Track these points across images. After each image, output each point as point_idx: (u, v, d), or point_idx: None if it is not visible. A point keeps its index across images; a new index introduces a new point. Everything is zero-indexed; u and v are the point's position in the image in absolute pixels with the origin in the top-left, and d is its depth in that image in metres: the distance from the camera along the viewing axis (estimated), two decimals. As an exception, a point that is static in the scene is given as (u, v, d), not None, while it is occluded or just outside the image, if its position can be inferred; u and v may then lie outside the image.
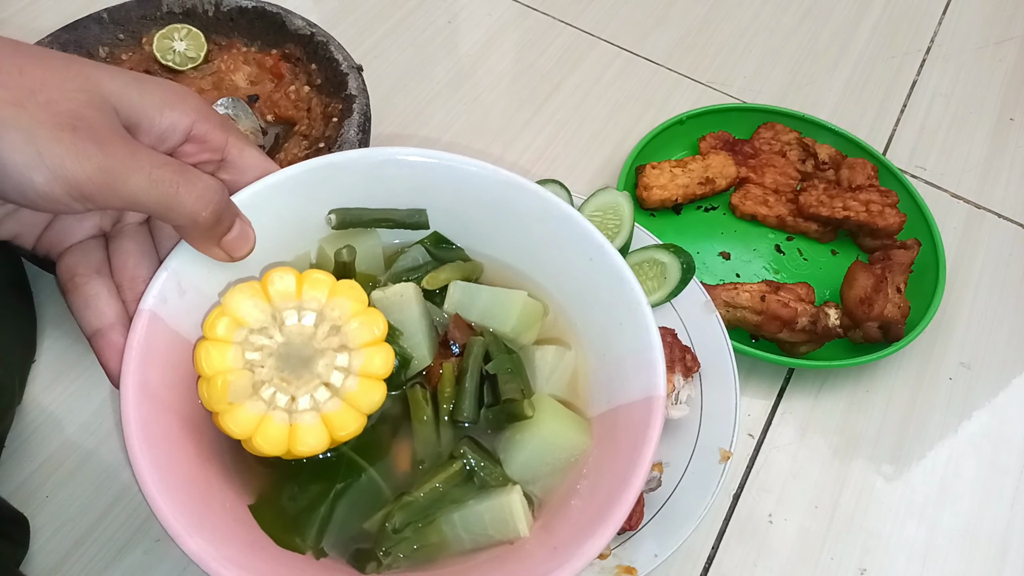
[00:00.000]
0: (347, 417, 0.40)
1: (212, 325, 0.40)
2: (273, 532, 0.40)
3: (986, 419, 0.68)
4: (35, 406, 0.61)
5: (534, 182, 0.64)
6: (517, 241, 0.49)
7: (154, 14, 0.74)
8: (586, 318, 0.47)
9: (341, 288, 0.42)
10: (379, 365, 0.41)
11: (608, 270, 0.45)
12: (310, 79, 0.73)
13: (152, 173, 0.35)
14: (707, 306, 0.63)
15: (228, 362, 0.39)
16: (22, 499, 0.57)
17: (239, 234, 0.41)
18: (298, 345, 0.40)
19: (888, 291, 0.67)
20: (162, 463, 0.37)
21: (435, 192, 0.48)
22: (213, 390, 0.39)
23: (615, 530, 0.38)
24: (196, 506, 0.37)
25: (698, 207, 0.78)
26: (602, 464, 0.42)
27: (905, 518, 0.62)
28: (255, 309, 0.40)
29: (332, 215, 0.47)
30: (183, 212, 0.37)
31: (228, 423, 0.39)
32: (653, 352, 0.42)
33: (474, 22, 0.91)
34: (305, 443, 0.40)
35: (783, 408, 0.67)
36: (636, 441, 0.40)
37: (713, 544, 0.60)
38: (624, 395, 0.43)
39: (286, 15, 0.73)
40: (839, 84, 0.90)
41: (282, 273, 0.41)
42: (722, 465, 0.56)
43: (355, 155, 0.46)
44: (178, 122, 0.39)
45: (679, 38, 0.92)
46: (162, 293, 0.40)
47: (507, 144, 0.81)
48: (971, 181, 0.83)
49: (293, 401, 0.40)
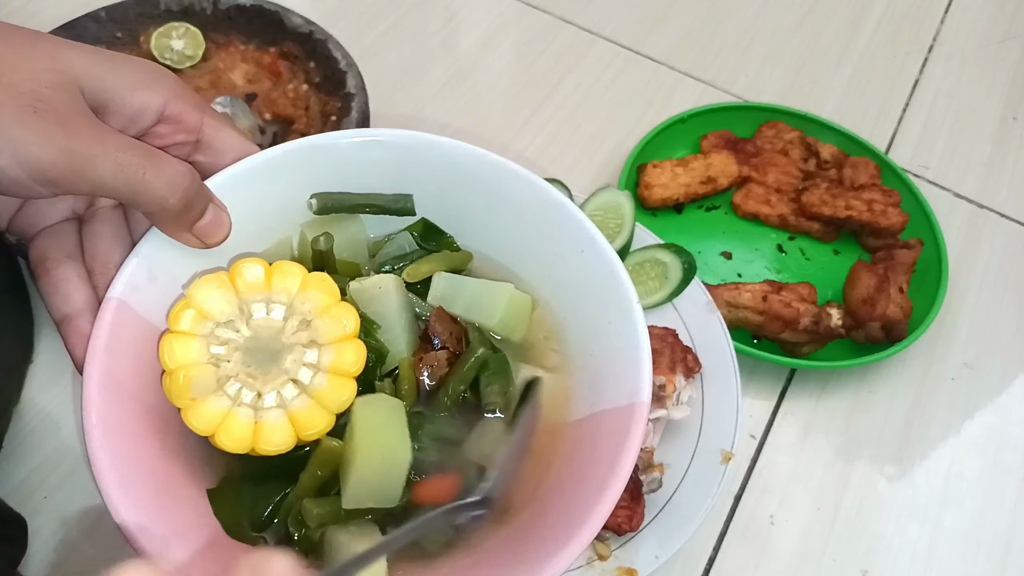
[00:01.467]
0: (315, 416, 0.39)
1: (176, 317, 0.39)
2: (226, 522, 0.39)
3: (989, 419, 0.67)
4: (32, 407, 0.61)
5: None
6: (507, 229, 0.47)
7: (152, 12, 0.73)
8: (575, 313, 0.45)
9: (312, 281, 0.40)
10: (350, 362, 0.40)
11: (600, 263, 0.43)
12: (308, 77, 0.73)
13: (118, 157, 0.34)
14: (709, 306, 0.63)
15: (191, 356, 0.38)
16: (20, 500, 0.57)
17: (212, 220, 0.39)
18: (266, 339, 0.39)
19: (891, 291, 0.67)
20: (121, 456, 0.36)
21: (422, 176, 0.46)
22: (175, 385, 0.38)
23: (585, 543, 0.36)
24: (153, 502, 0.36)
25: (700, 206, 0.77)
26: (578, 472, 0.40)
27: (908, 519, 0.62)
28: (221, 301, 0.39)
29: (313, 199, 0.45)
30: (151, 198, 0.36)
31: (191, 419, 0.38)
32: (640, 352, 0.40)
33: (473, 20, 0.91)
34: (270, 441, 0.38)
35: (785, 409, 0.67)
36: (615, 450, 0.38)
37: (714, 545, 0.60)
38: (608, 399, 0.41)
39: (284, 13, 0.73)
40: (841, 83, 0.89)
41: (251, 264, 0.40)
42: (723, 466, 0.56)
43: (337, 136, 0.45)
44: (150, 102, 0.38)
45: (680, 36, 0.92)
46: (132, 280, 0.39)
47: (507, 143, 0.81)
48: (974, 180, 0.83)
49: (259, 397, 0.39)
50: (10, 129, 0.32)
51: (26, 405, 0.61)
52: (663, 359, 0.58)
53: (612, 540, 0.54)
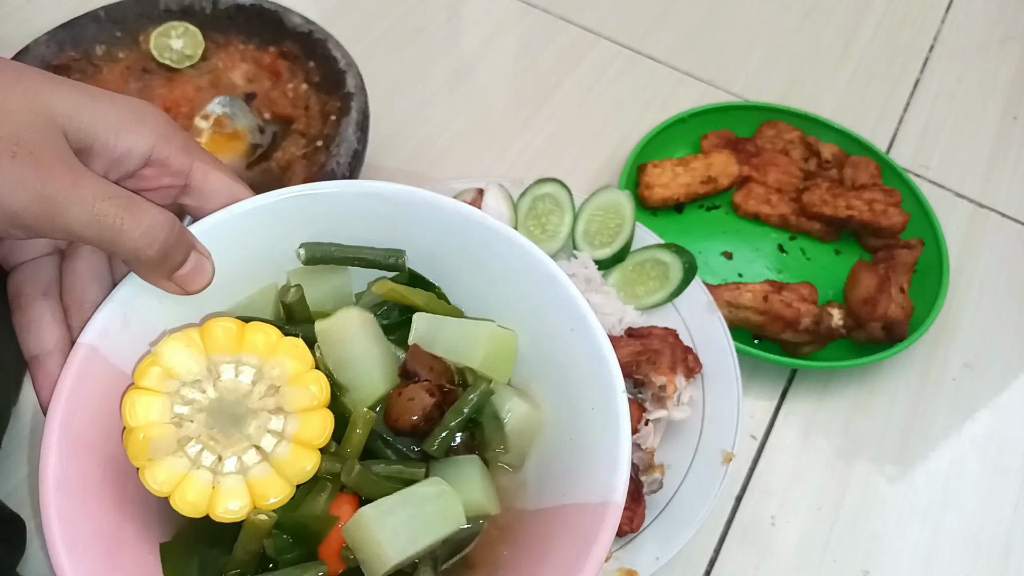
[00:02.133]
0: (274, 485, 0.38)
1: (142, 373, 0.37)
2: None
3: (990, 420, 0.67)
4: (32, 407, 0.61)
5: (535, 181, 0.63)
6: (497, 294, 0.45)
7: (151, 12, 0.73)
8: (559, 394, 0.43)
9: (285, 346, 0.39)
10: (315, 433, 0.38)
11: (588, 345, 0.41)
12: (308, 77, 0.73)
13: (95, 207, 0.33)
14: (709, 306, 0.63)
15: (152, 416, 0.37)
16: (19, 500, 0.56)
17: (194, 268, 0.38)
18: (231, 403, 0.38)
19: (892, 291, 0.66)
20: (72, 513, 0.35)
21: (415, 231, 0.45)
22: (134, 444, 0.37)
23: None
24: (101, 562, 0.35)
25: (700, 206, 0.77)
26: (536, 569, 0.38)
27: (908, 520, 0.62)
28: (189, 360, 0.38)
29: (302, 249, 0.43)
30: (127, 249, 0.35)
31: (148, 479, 0.37)
32: (620, 449, 0.38)
33: (474, 20, 0.91)
34: (226, 508, 0.37)
35: (786, 409, 0.66)
36: (578, 553, 0.36)
37: (715, 547, 0.60)
38: (579, 493, 0.39)
39: (284, 12, 0.73)
40: (842, 82, 0.89)
41: (224, 323, 0.39)
42: (724, 467, 0.56)
43: (331, 187, 0.43)
44: (135, 145, 0.37)
45: (681, 36, 0.92)
46: (104, 327, 0.38)
47: (507, 143, 0.81)
48: (975, 180, 0.82)
49: (220, 461, 0.37)
50: None
51: (25, 405, 0.61)
52: (663, 359, 0.58)
53: (613, 541, 0.54)
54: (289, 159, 0.68)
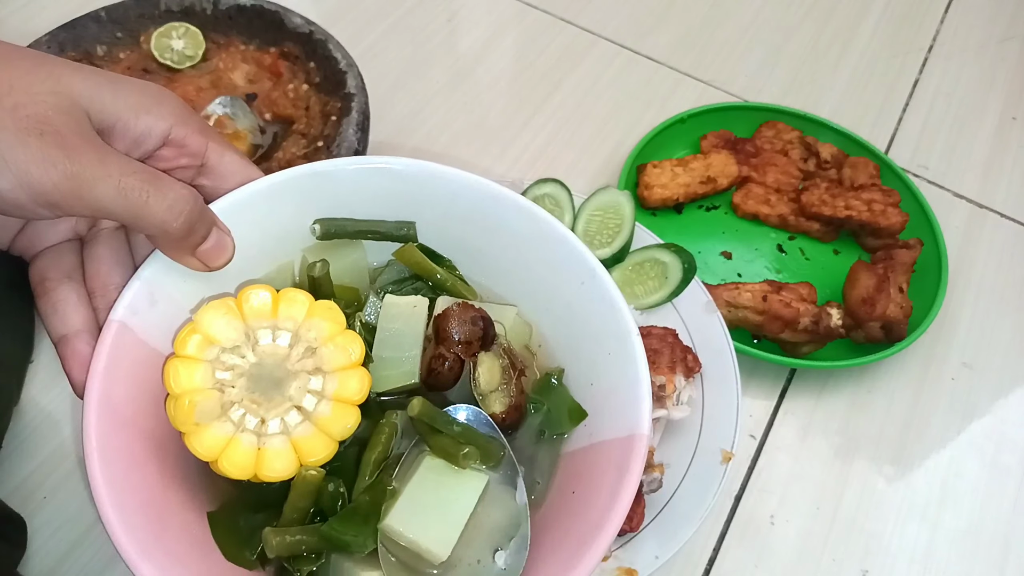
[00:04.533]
0: (317, 443, 0.39)
1: (183, 342, 0.39)
2: (224, 545, 0.39)
3: (988, 419, 0.67)
4: (33, 406, 0.61)
5: (534, 181, 0.63)
6: (507, 260, 0.47)
7: (152, 12, 0.73)
8: (575, 345, 0.45)
9: (319, 309, 0.41)
10: (354, 390, 0.40)
11: (600, 296, 0.43)
12: (308, 77, 0.73)
13: (121, 181, 0.34)
14: (708, 306, 0.63)
15: (196, 381, 0.38)
16: (20, 500, 0.57)
17: (216, 244, 0.39)
18: (271, 366, 0.39)
19: (890, 291, 0.67)
20: (119, 483, 0.36)
21: (426, 205, 0.46)
22: (180, 410, 0.38)
23: (588, 572, 0.35)
24: (152, 529, 0.36)
25: (699, 206, 0.77)
26: (578, 505, 0.40)
27: (907, 519, 0.62)
28: (228, 327, 0.39)
29: (316, 225, 0.45)
30: (153, 222, 0.36)
31: (194, 444, 0.38)
32: (640, 387, 0.40)
33: (474, 20, 0.91)
34: (272, 468, 0.38)
35: (785, 409, 0.67)
36: (614, 482, 0.38)
37: (714, 546, 0.60)
38: (606, 431, 0.41)
39: (284, 13, 0.73)
40: (841, 83, 0.89)
41: (258, 290, 0.40)
42: (723, 466, 0.56)
43: (341, 163, 0.45)
44: (154, 126, 0.38)
45: (680, 36, 0.92)
46: (133, 304, 0.39)
47: (507, 143, 0.81)
48: (973, 180, 0.83)
49: (263, 424, 0.39)
50: (13, 152, 0.32)
51: (26, 405, 0.61)
52: (663, 359, 0.58)
53: (612, 540, 0.54)
54: (290, 159, 0.69)
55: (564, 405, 0.45)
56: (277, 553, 0.38)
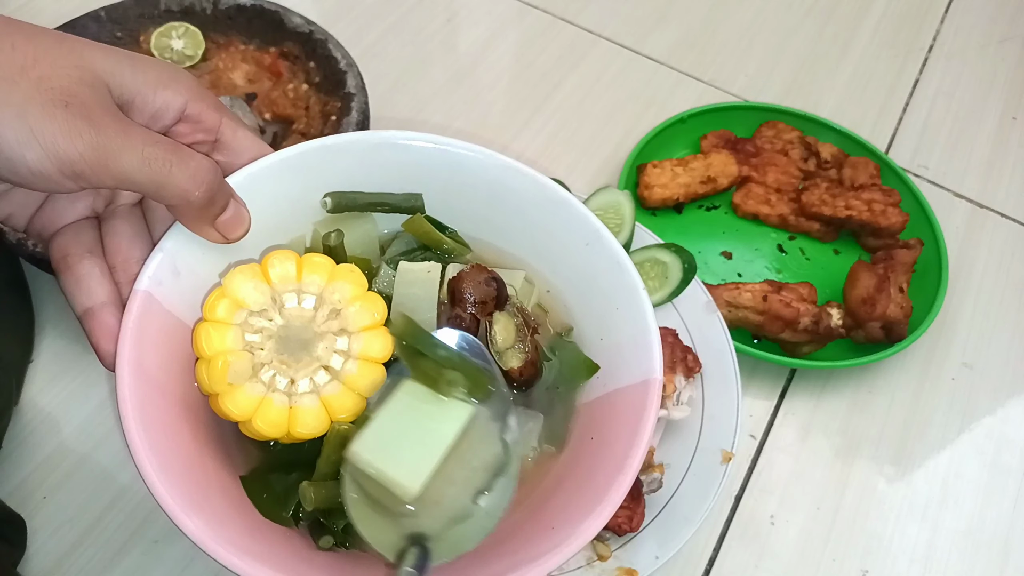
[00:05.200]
0: (346, 400, 0.40)
1: (212, 306, 0.40)
2: (261, 505, 0.40)
3: (989, 420, 0.67)
4: (32, 407, 0.61)
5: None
6: (514, 226, 0.49)
7: (152, 12, 0.73)
8: (583, 304, 0.47)
9: (341, 272, 0.42)
10: (378, 349, 0.41)
11: (605, 255, 0.45)
12: (308, 77, 0.73)
13: (145, 151, 0.35)
14: (709, 306, 0.63)
15: (228, 343, 0.39)
16: (19, 500, 0.56)
17: (234, 215, 0.40)
18: (297, 328, 0.41)
19: (891, 291, 0.67)
20: (159, 445, 0.36)
21: (432, 176, 0.48)
22: (213, 371, 0.38)
23: (613, 510, 0.37)
24: (193, 488, 0.36)
25: (700, 206, 0.77)
26: (598, 448, 0.42)
27: (907, 519, 0.62)
28: (255, 291, 0.40)
29: (327, 198, 0.46)
30: (176, 191, 0.36)
31: (228, 405, 0.39)
32: (650, 336, 0.42)
33: (473, 20, 0.91)
34: (305, 425, 0.40)
35: (785, 409, 0.67)
36: (633, 423, 0.39)
37: (715, 546, 0.60)
38: (621, 379, 0.43)
39: (284, 13, 0.73)
40: (841, 82, 0.89)
41: (282, 256, 0.41)
42: (724, 466, 0.56)
43: (351, 138, 0.46)
44: (172, 101, 0.39)
45: (680, 36, 0.92)
46: (157, 274, 0.40)
47: (507, 143, 0.81)
48: (974, 180, 0.83)
49: (292, 384, 0.40)
50: (39, 123, 0.33)
51: (26, 405, 0.61)
52: (663, 359, 0.58)
53: (612, 540, 0.54)
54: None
55: (576, 360, 0.46)
56: (315, 506, 0.39)
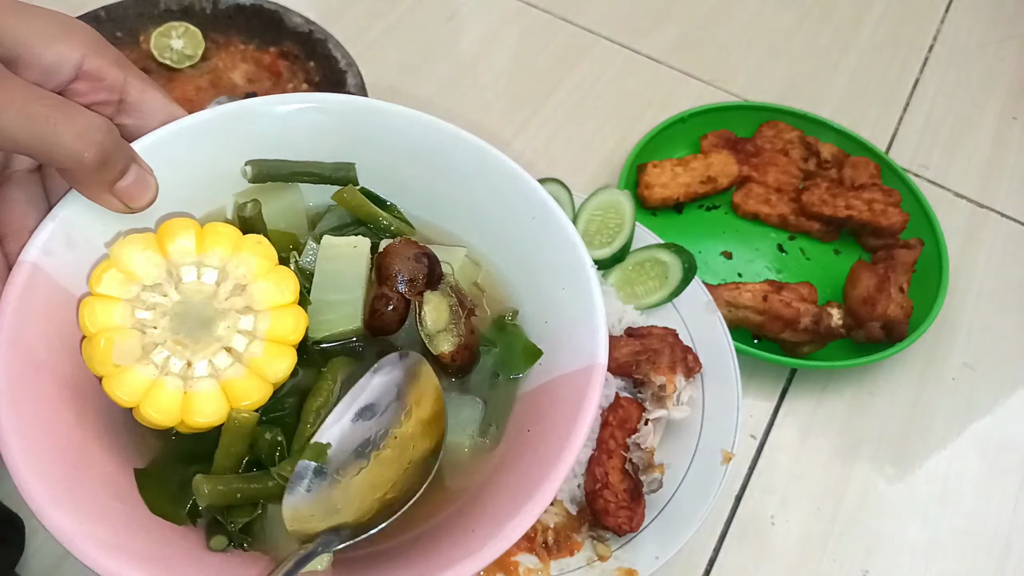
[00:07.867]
0: (250, 385, 0.36)
1: (98, 278, 0.36)
2: (152, 500, 0.37)
3: (989, 419, 0.67)
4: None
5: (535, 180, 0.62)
6: (455, 198, 0.45)
7: (152, 12, 0.73)
8: (529, 284, 0.44)
9: (247, 243, 0.38)
10: (288, 329, 0.37)
11: (552, 230, 0.41)
12: (308, 77, 0.73)
13: (26, 108, 0.32)
14: (709, 306, 0.63)
15: (114, 320, 0.35)
16: (18, 500, 0.56)
17: (136, 180, 0.36)
18: (197, 305, 0.37)
19: (891, 291, 0.66)
20: (30, 428, 0.33)
21: (364, 144, 0.44)
22: (95, 350, 0.35)
23: (541, 509, 0.34)
24: (66, 477, 0.33)
25: (700, 206, 0.77)
26: (536, 442, 0.38)
27: (908, 519, 0.62)
28: (148, 263, 0.36)
29: (248, 167, 0.42)
30: (63, 152, 0.33)
31: (114, 388, 0.35)
32: (596, 319, 0.39)
33: (473, 19, 0.91)
34: (201, 413, 0.35)
35: (785, 409, 0.66)
36: (571, 413, 0.36)
37: (715, 546, 0.60)
38: (563, 365, 0.40)
39: (284, 12, 0.73)
40: (841, 82, 0.89)
41: (180, 224, 0.37)
42: (724, 466, 0.56)
43: (271, 100, 0.43)
44: (65, 55, 0.36)
45: (681, 36, 0.92)
46: (47, 245, 0.37)
47: (506, 143, 0.81)
48: (974, 180, 0.82)
49: (189, 367, 0.36)
50: None
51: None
52: (663, 359, 0.58)
53: (612, 541, 0.54)
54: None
55: (518, 345, 0.43)
56: (210, 502, 0.36)
